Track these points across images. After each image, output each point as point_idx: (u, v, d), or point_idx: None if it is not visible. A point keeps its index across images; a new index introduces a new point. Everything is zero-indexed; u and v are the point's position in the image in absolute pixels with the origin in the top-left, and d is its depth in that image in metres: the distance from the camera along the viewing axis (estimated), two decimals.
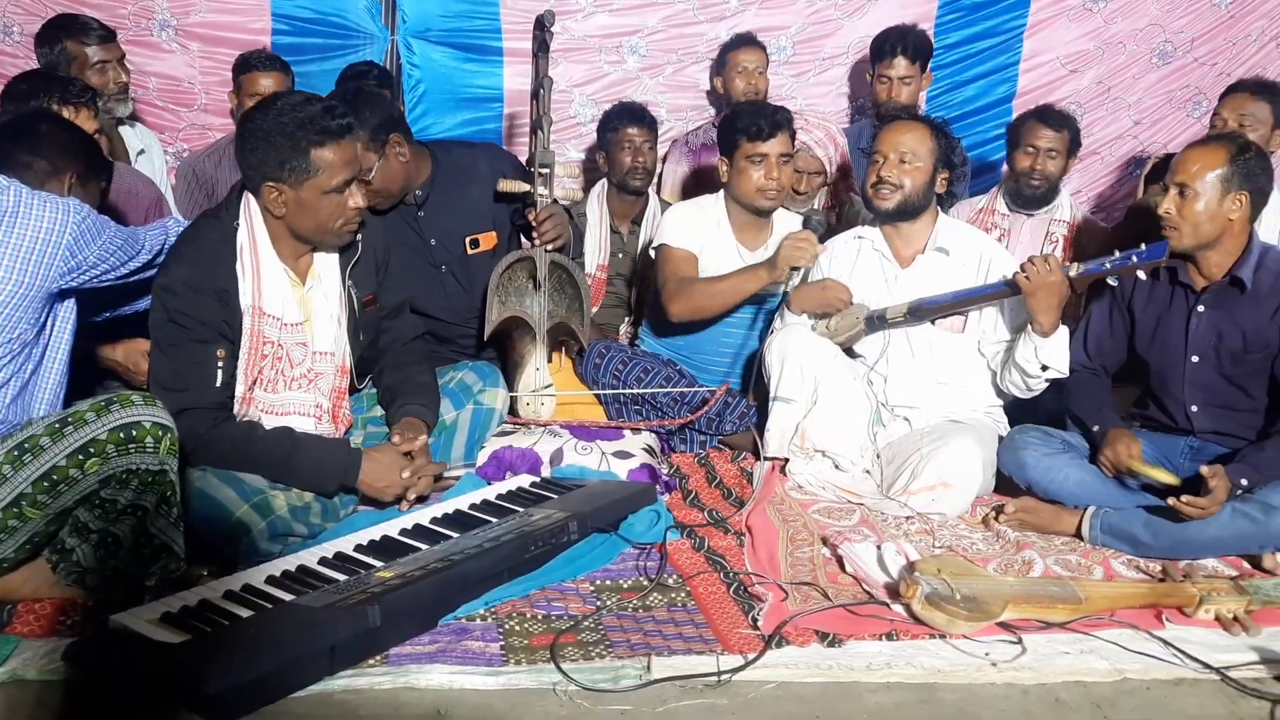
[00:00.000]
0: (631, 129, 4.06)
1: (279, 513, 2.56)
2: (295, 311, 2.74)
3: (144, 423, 2.23)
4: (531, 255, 3.35)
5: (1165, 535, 2.73)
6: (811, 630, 2.27)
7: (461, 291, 3.49)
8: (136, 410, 2.24)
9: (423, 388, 2.98)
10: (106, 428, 2.20)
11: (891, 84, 4.23)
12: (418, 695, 2.02)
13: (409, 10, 4.53)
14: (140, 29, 4.41)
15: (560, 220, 3.36)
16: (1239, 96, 3.75)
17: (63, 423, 2.21)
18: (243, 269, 2.65)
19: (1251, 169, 2.82)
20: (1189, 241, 2.84)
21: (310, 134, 2.56)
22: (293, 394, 2.76)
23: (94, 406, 2.23)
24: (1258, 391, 2.90)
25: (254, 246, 2.67)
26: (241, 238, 2.66)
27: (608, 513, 2.75)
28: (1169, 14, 4.82)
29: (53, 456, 2.18)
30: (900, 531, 2.88)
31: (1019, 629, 2.31)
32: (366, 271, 2.92)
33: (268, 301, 2.68)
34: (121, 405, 2.23)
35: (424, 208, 3.42)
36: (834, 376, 3.17)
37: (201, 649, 1.95)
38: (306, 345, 2.77)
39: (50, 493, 2.20)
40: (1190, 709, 2.09)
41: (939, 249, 3.25)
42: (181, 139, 4.53)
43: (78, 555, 2.27)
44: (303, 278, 2.77)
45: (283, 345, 2.73)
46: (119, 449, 2.21)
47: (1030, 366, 3.08)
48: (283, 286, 2.71)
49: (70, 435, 2.19)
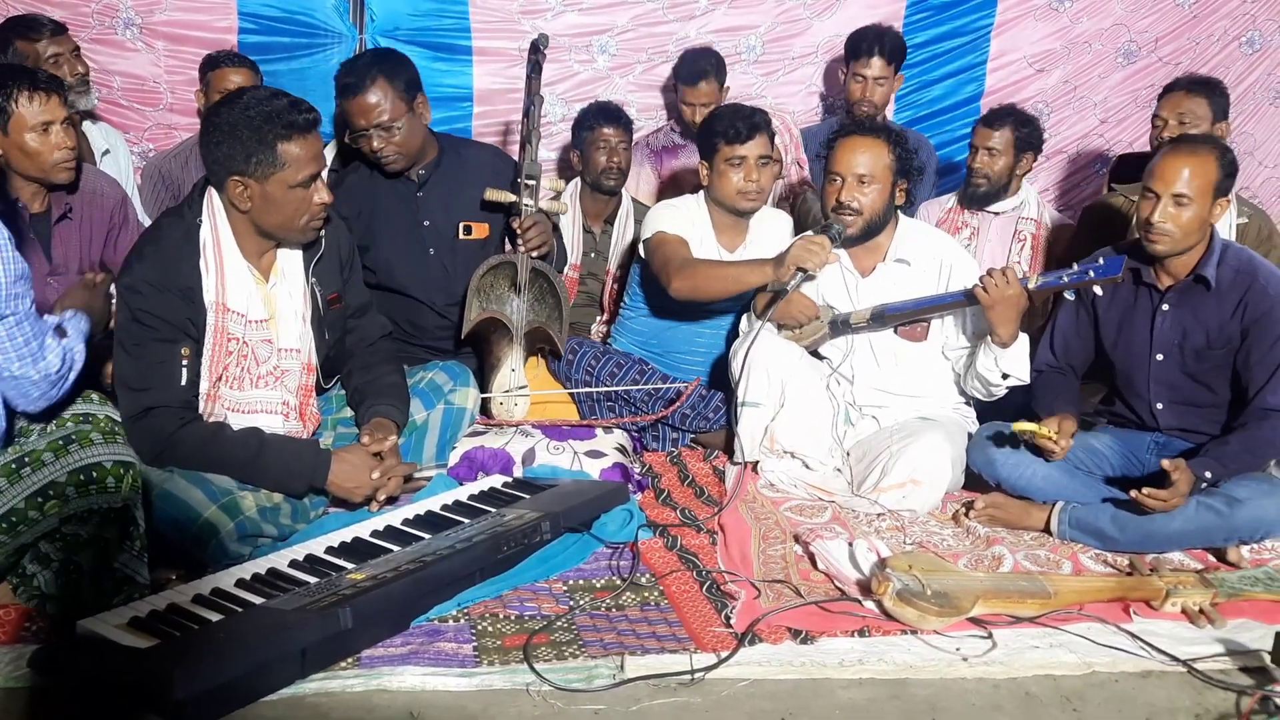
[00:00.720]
0: (607, 129, 4.06)
1: (248, 514, 2.54)
2: (259, 308, 2.72)
3: (104, 463, 2.19)
4: (514, 260, 3.37)
5: (1132, 529, 2.76)
6: (784, 627, 2.28)
7: (446, 276, 3.50)
8: (96, 450, 2.19)
9: (392, 388, 2.96)
10: (65, 470, 2.15)
11: (866, 83, 4.24)
12: (390, 697, 2.01)
13: (377, 9, 4.50)
14: (104, 27, 4.35)
15: (545, 229, 3.39)
16: (1176, 95, 3.75)
17: (19, 463, 2.14)
18: (206, 265, 2.64)
19: (1232, 172, 2.85)
20: (1174, 248, 2.84)
21: (277, 128, 2.55)
22: (259, 392, 2.75)
23: (51, 446, 2.16)
24: (1221, 387, 2.94)
25: (217, 243, 2.65)
26: (204, 234, 2.65)
27: (580, 512, 2.74)
28: (1134, 14, 4.87)
29: (10, 499, 2.13)
30: (871, 528, 2.89)
31: (989, 624, 2.33)
32: (330, 269, 2.90)
33: (232, 298, 2.67)
34: (80, 445, 2.17)
35: (424, 189, 3.48)
36: (799, 379, 3.19)
37: (170, 654, 1.93)
38: (272, 342, 2.75)
39: (10, 533, 2.16)
40: (1158, 701, 2.11)
41: (899, 260, 3.26)
42: (147, 138, 4.47)
43: (39, 581, 2.24)
44: (266, 275, 2.75)
45: (248, 343, 2.71)
46: (79, 490, 2.16)
47: (991, 375, 3.10)
48: (246, 283, 2.70)
49: (28, 478, 2.13)
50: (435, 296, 3.52)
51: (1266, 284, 2.84)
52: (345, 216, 3.37)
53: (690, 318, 3.63)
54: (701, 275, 3.34)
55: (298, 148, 2.57)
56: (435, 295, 3.52)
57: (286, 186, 2.59)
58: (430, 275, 3.52)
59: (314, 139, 2.62)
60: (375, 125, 3.31)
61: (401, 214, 3.48)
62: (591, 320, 4.21)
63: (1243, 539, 2.74)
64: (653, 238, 3.48)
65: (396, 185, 3.49)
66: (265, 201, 2.61)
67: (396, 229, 3.47)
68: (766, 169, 3.47)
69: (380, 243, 3.47)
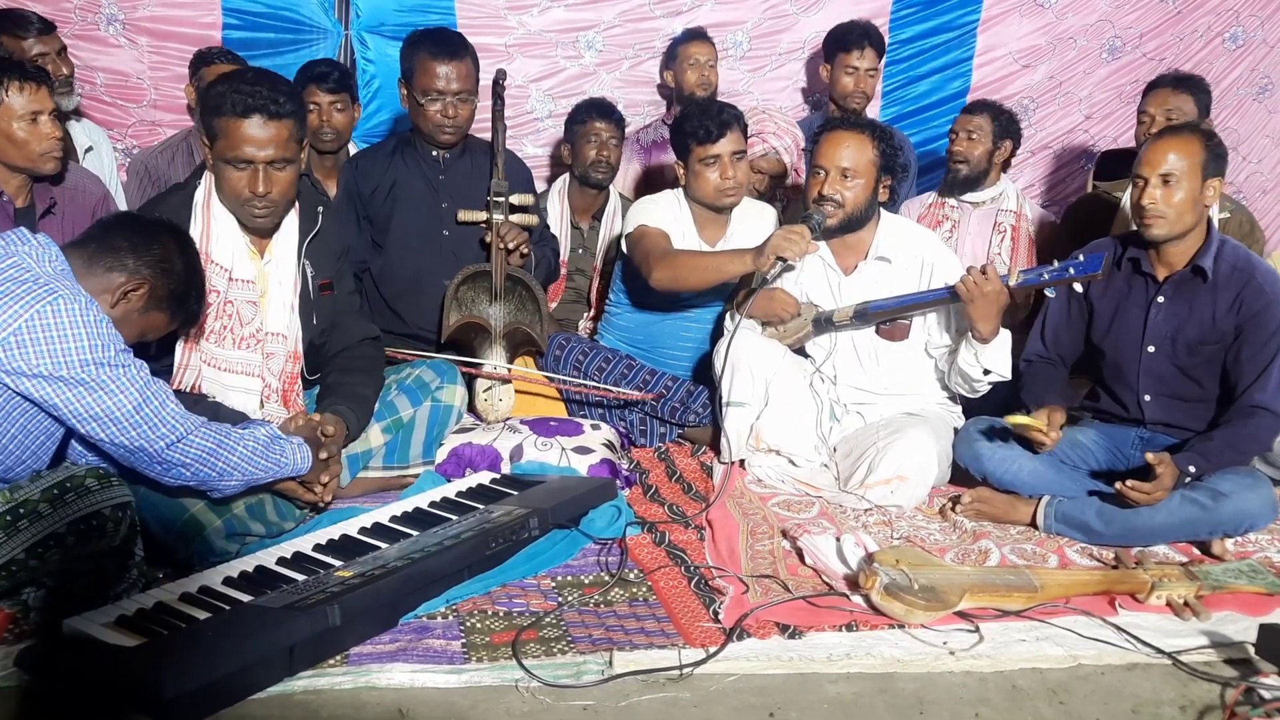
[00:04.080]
0: (598, 123, 4.06)
1: (235, 511, 2.53)
2: (247, 268, 2.75)
3: (103, 511, 2.15)
4: (487, 269, 3.44)
5: (1117, 523, 2.77)
6: (772, 622, 2.29)
7: (455, 259, 3.55)
8: (94, 498, 2.15)
9: (359, 400, 2.90)
10: (65, 521, 2.11)
11: (859, 75, 4.28)
12: (379, 695, 2.00)
13: (362, 5, 4.49)
14: (87, 23, 4.32)
15: (516, 229, 3.44)
16: (1161, 92, 3.78)
17: (14, 514, 2.10)
18: (194, 218, 2.70)
19: (1220, 154, 2.89)
20: (1171, 230, 2.86)
21: (230, 101, 2.60)
22: (240, 353, 2.76)
23: (46, 496, 2.12)
24: (1209, 383, 2.96)
25: (208, 200, 2.73)
26: (199, 195, 2.73)
27: (568, 508, 2.74)
28: (1118, 9, 4.89)
29: (10, 550, 2.10)
30: (859, 523, 2.90)
31: (976, 618, 2.34)
32: (325, 253, 2.92)
33: (216, 250, 2.70)
34: (77, 494, 2.13)
35: (446, 173, 3.58)
36: (783, 377, 3.20)
37: (158, 652, 1.92)
38: (256, 305, 2.77)
39: (9, 579, 2.13)
40: (1143, 693, 2.13)
41: (880, 258, 3.26)
42: (131, 135, 4.45)
43: (26, 596, 2.22)
44: (261, 251, 2.78)
45: (231, 300, 2.73)
46: (80, 539, 2.14)
47: (973, 371, 3.11)
48: (234, 240, 2.74)
49: (25, 530, 2.09)
50: (442, 275, 3.55)
51: (1263, 282, 2.86)
52: (364, 193, 3.54)
53: (675, 311, 3.64)
54: (682, 265, 3.34)
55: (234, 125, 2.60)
56: (442, 274, 3.55)
57: (221, 159, 2.65)
58: (442, 254, 3.57)
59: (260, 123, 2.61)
60: (461, 92, 3.45)
61: (424, 191, 3.58)
62: (579, 317, 4.21)
63: (1227, 532, 2.76)
64: (634, 231, 3.49)
65: (421, 165, 3.59)
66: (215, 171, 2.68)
67: (417, 205, 3.57)
68: (742, 164, 3.48)
69: (399, 216, 3.57)
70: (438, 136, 3.52)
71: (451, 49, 3.46)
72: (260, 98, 2.60)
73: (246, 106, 2.59)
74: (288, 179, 2.70)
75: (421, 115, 3.49)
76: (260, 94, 2.60)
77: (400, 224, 3.59)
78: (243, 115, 2.59)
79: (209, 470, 2.34)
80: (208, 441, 2.32)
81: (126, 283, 2.29)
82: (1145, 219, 2.87)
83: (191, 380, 2.74)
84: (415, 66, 3.46)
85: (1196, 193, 2.84)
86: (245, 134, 2.61)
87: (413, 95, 3.49)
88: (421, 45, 3.47)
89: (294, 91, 2.73)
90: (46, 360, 2.09)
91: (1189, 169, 2.82)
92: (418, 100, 3.47)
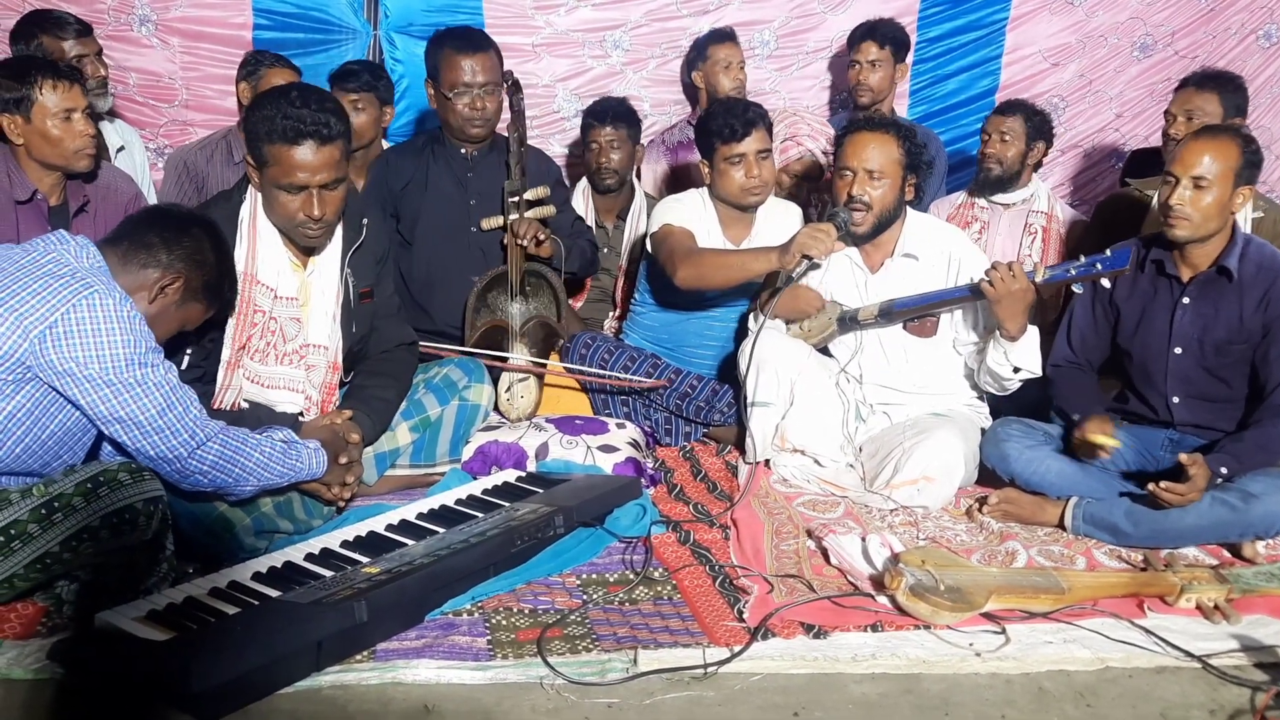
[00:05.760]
0: (599, 127, 4.06)
1: (263, 509, 2.55)
2: (291, 287, 2.76)
3: (135, 505, 2.18)
4: (503, 270, 3.51)
5: (1146, 524, 2.75)
6: (797, 622, 2.28)
7: (483, 256, 3.61)
8: (126, 492, 2.17)
9: (380, 403, 2.91)
10: (99, 514, 2.14)
11: (861, 68, 4.30)
12: (405, 690, 2.02)
13: (391, 5, 4.52)
14: (120, 24, 4.37)
15: (528, 223, 3.47)
16: (1186, 91, 3.74)
17: (49, 508, 2.12)
18: (240, 238, 2.70)
19: (1256, 162, 2.85)
20: (1194, 233, 2.84)
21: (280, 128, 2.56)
22: (283, 369, 2.78)
23: (80, 490, 2.14)
24: (1238, 383, 2.93)
25: (254, 218, 2.72)
26: (244, 212, 2.73)
27: (593, 507, 2.75)
28: (1150, 7, 4.84)
29: (45, 543, 2.13)
30: (885, 523, 2.89)
31: (1003, 619, 2.33)
32: (366, 262, 2.93)
33: (262, 271, 2.72)
34: (110, 488, 2.16)
35: (474, 170, 3.62)
36: (808, 377, 3.19)
37: (187, 646, 1.95)
38: (300, 321, 2.78)
39: (44, 571, 2.17)
40: (1172, 697, 2.11)
41: (907, 254, 3.25)
42: (162, 135, 4.50)
43: (60, 589, 2.26)
44: (304, 263, 2.80)
45: (275, 318, 2.75)
46: (113, 532, 2.16)
47: (1002, 369, 3.09)
48: (279, 259, 2.74)
49: (60, 523, 2.12)
50: (469, 271, 3.59)
51: None
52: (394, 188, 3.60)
53: (699, 310, 3.64)
54: (707, 264, 3.34)
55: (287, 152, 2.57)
56: (469, 270, 3.59)
57: (274, 185, 2.62)
58: (469, 250, 3.62)
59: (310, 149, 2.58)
60: (488, 84, 3.49)
61: (452, 189, 3.63)
62: (604, 316, 4.22)
63: (1258, 534, 2.73)
64: (659, 230, 3.49)
65: (450, 162, 3.64)
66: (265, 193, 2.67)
67: (445, 202, 3.62)
68: (766, 162, 3.47)
69: (427, 212, 3.62)
70: (468, 130, 3.55)
71: (475, 43, 3.52)
72: (310, 123, 2.56)
73: (298, 132, 2.55)
74: (339, 197, 2.69)
75: (450, 110, 3.53)
76: (309, 119, 2.56)
77: (428, 220, 3.62)
78: (293, 142, 2.56)
79: (225, 476, 2.37)
80: (226, 449, 2.34)
81: (162, 278, 2.32)
82: (1170, 219, 2.84)
83: (232, 400, 2.75)
84: (441, 63, 3.51)
85: (1226, 198, 2.81)
86: (297, 161, 2.57)
87: (440, 92, 3.53)
88: (445, 42, 3.53)
89: (339, 109, 2.68)
90: (79, 354, 2.12)
91: (1222, 174, 2.79)
92: (445, 96, 3.51)
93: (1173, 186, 2.84)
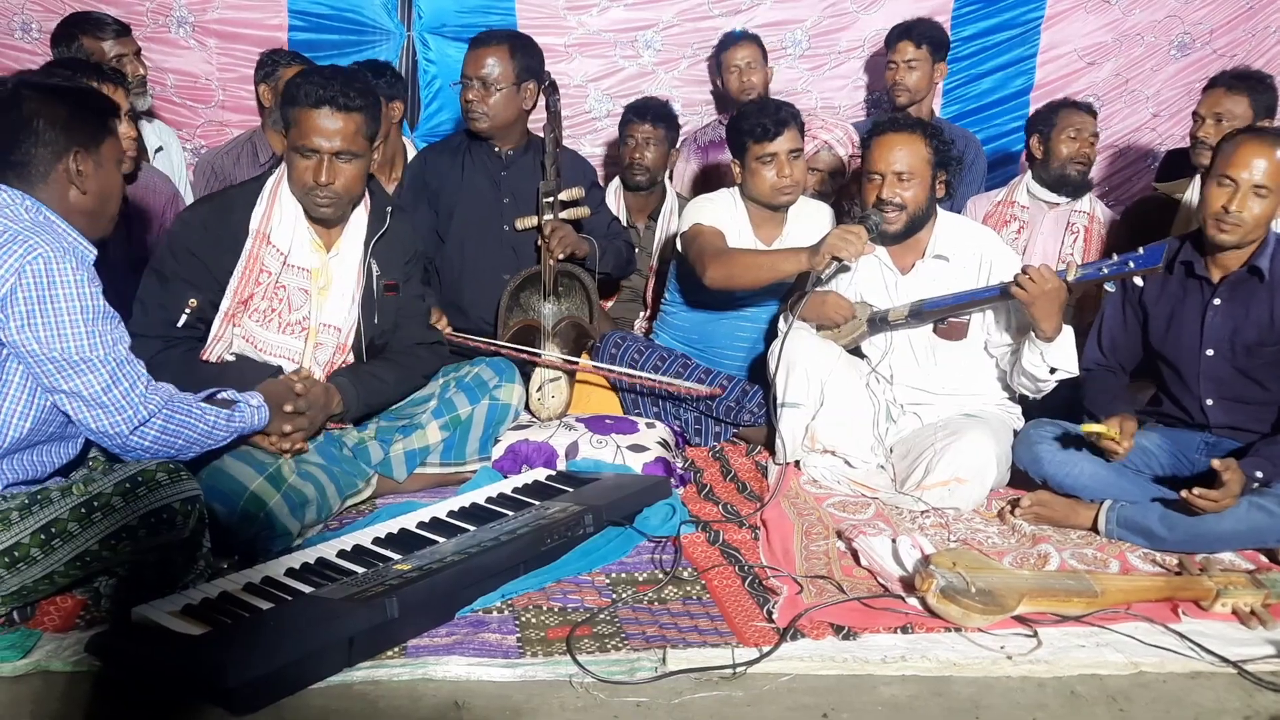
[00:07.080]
0: (637, 124, 4.08)
1: (289, 480, 2.60)
2: (309, 259, 2.83)
3: (173, 504, 2.20)
4: (536, 271, 3.55)
5: (1181, 529, 2.72)
6: (826, 623, 2.28)
7: (515, 255, 3.66)
8: (164, 492, 2.19)
9: (369, 377, 2.90)
10: (137, 514, 2.16)
11: (898, 68, 4.28)
12: (435, 687, 2.03)
13: (425, 6, 4.56)
14: (158, 25, 4.44)
15: (565, 232, 3.52)
16: (1215, 93, 3.66)
17: (88, 507, 2.14)
18: (260, 201, 2.81)
19: None
20: (1241, 240, 2.81)
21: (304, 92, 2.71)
22: (283, 338, 2.83)
23: (119, 490, 2.16)
24: (1272, 384, 2.89)
25: (278, 183, 2.84)
26: (271, 178, 2.85)
27: (623, 506, 2.76)
28: (1188, 5, 4.79)
29: (84, 541, 2.15)
30: (915, 525, 2.88)
31: (1034, 622, 2.31)
32: (393, 255, 2.97)
33: (275, 232, 2.79)
34: (148, 488, 2.17)
35: (508, 169, 3.67)
36: (838, 378, 3.18)
37: (222, 641, 1.97)
38: (308, 292, 2.83)
39: (83, 568, 2.19)
40: (1206, 702, 2.09)
41: (938, 256, 3.23)
42: (199, 135, 4.56)
43: (99, 584, 2.29)
44: (328, 246, 2.86)
45: (284, 285, 2.80)
46: (151, 531, 2.19)
47: (1038, 370, 3.07)
48: (299, 229, 2.82)
49: (99, 522, 2.14)
50: (503, 269, 3.63)
51: None
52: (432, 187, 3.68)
53: (730, 310, 3.63)
54: (737, 264, 3.33)
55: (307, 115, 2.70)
56: (503, 268, 3.63)
57: (290, 147, 2.75)
58: (503, 248, 3.66)
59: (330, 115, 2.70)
60: (477, 77, 3.53)
61: (487, 187, 3.69)
62: (635, 316, 4.23)
63: None
64: (689, 229, 3.50)
65: (486, 161, 3.69)
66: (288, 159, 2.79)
67: (480, 200, 3.68)
68: (798, 162, 3.47)
69: (462, 210, 3.68)
70: (467, 124, 3.61)
71: (482, 37, 3.60)
72: (331, 89, 2.70)
73: (318, 98, 2.69)
74: (352, 172, 2.76)
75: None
76: (332, 86, 2.70)
77: (463, 218, 3.66)
78: (314, 106, 2.70)
79: (168, 449, 2.32)
80: (169, 424, 2.29)
81: (66, 164, 2.20)
82: (1225, 225, 2.78)
83: (220, 352, 2.79)
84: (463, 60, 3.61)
85: (1276, 208, 2.78)
86: (314, 124, 2.70)
87: None
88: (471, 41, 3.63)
89: (368, 89, 2.80)
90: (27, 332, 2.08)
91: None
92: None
93: (1231, 191, 2.77)
